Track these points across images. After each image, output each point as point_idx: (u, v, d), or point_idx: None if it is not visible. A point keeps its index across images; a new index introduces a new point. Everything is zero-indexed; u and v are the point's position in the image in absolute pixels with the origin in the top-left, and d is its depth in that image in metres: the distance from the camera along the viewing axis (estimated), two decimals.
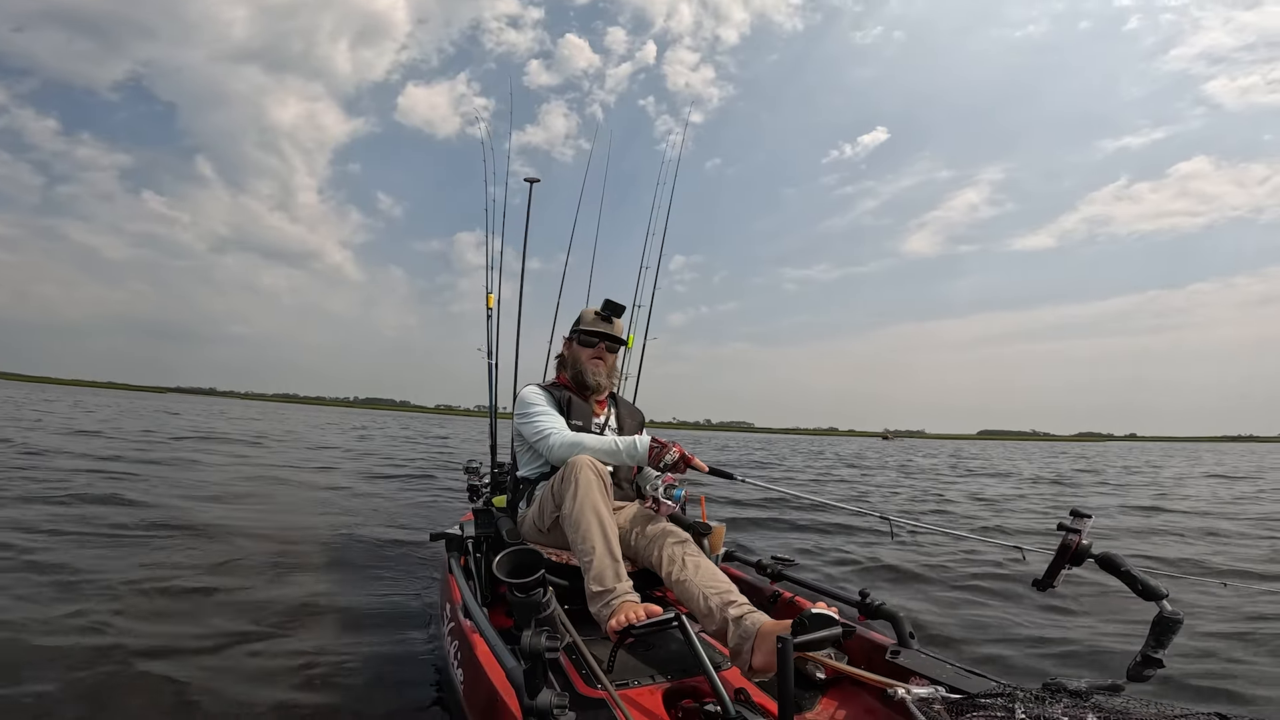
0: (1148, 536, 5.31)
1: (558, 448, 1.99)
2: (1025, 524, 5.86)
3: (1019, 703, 1.02)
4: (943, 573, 3.60)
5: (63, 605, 2.36)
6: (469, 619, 1.64)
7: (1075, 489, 10.09)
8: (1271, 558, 4.30)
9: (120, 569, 2.86)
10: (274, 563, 3.20)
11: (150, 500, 4.63)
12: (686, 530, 1.90)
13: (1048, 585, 1.35)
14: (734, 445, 28.49)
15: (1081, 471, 14.80)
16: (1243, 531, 5.51)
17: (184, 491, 5.22)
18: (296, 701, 1.82)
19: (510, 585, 1.23)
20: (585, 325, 2.29)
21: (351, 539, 3.91)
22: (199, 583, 2.77)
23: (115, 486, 5.06)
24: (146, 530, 3.68)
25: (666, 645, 1.61)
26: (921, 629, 2.55)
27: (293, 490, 6.05)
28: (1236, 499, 8.43)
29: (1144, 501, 7.99)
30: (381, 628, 2.42)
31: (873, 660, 1.55)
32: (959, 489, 9.41)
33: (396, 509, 5.26)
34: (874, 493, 8.73)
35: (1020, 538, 2.57)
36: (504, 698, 1.25)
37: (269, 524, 4.21)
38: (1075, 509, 1.36)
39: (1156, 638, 1.15)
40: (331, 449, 11.96)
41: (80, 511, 4.01)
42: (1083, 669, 2.30)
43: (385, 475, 7.86)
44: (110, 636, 2.13)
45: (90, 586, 2.59)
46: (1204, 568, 3.99)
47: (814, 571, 3.59)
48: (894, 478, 11.61)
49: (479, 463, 3.15)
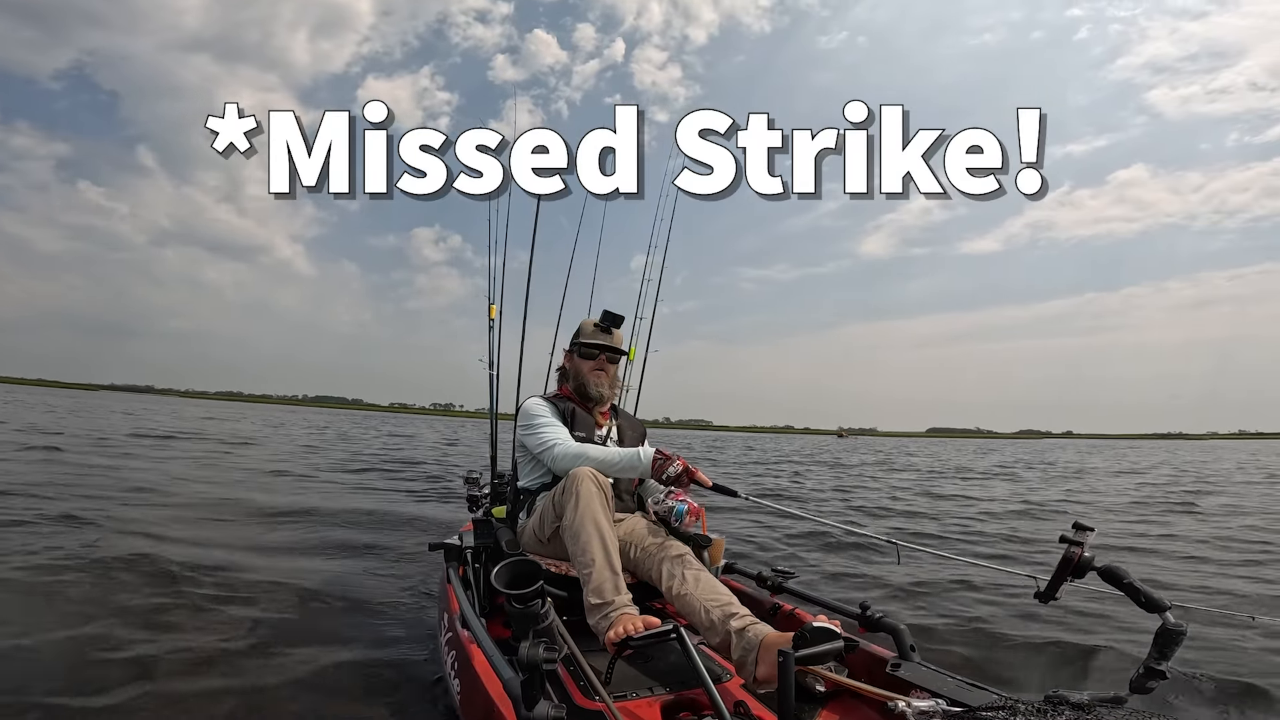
0: (1014, 518, 6.74)
1: (562, 459, 1.98)
2: (874, 501, 7.90)
3: (1020, 715, 1.01)
4: (940, 585, 3.58)
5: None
6: (467, 629, 1.63)
7: (963, 481, 11.70)
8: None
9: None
10: (263, 573, 3.19)
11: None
12: (686, 543, 1.89)
13: (1050, 598, 1.34)
14: (696, 445, 28.43)
15: (999, 466, 16.98)
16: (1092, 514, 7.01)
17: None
18: (293, 713, 1.80)
19: (508, 596, 1.23)
20: (585, 337, 2.29)
21: (344, 546, 3.90)
22: (179, 594, 2.76)
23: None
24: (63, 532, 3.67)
25: (665, 657, 1.60)
26: (922, 641, 2.52)
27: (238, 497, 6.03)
28: (1119, 491, 9.92)
29: (1037, 493, 9.60)
30: (378, 637, 2.40)
31: (873, 673, 1.53)
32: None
33: (365, 511, 5.25)
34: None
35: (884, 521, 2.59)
36: (501, 709, 1.24)
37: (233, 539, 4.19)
38: (1077, 522, 1.36)
39: (1159, 649, 1.14)
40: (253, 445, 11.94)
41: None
42: (1085, 681, 2.28)
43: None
44: (105, 651, 2.12)
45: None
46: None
47: (815, 584, 3.56)
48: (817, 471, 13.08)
49: (478, 473, 3.14)
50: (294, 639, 2.34)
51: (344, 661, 2.16)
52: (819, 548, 4.74)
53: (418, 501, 6.46)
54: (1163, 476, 13.16)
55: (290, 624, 2.48)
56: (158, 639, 2.24)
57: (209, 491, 5.90)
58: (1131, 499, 8.77)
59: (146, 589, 2.76)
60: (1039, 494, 9.42)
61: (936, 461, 19.07)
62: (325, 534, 4.34)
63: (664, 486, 1.95)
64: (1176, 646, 1.14)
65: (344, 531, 4.46)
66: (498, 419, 2.95)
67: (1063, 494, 9.57)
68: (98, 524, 3.94)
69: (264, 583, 3.02)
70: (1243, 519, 6.66)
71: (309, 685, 1.97)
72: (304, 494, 6.30)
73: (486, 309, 2.99)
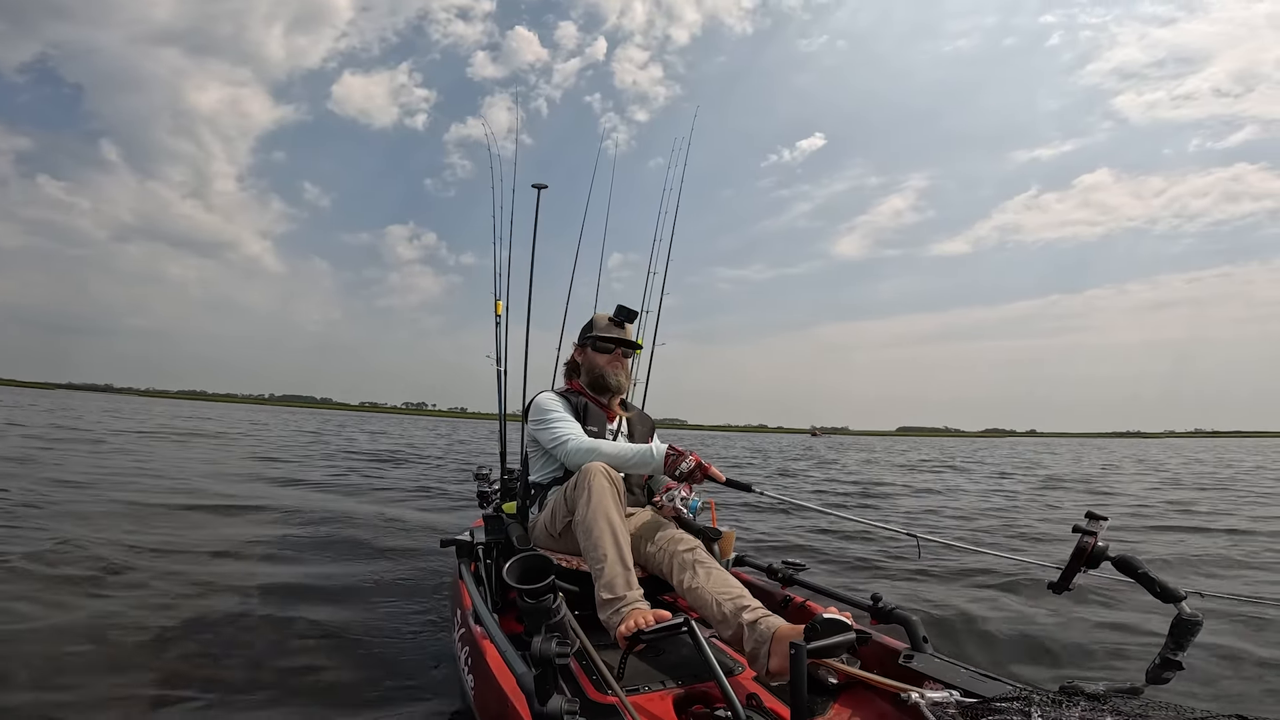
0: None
1: (575, 454, 1.99)
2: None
3: (1035, 706, 1.00)
4: (957, 574, 3.57)
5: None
6: (479, 625, 1.64)
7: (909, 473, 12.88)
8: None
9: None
10: (276, 570, 3.22)
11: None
12: (696, 536, 1.89)
13: (1063, 588, 1.33)
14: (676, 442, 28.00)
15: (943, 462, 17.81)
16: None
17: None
18: (305, 708, 1.83)
19: (520, 591, 1.23)
20: (599, 331, 2.29)
21: (353, 542, 3.93)
22: (187, 589, 2.79)
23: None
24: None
25: (677, 651, 1.60)
26: (935, 631, 2.51)
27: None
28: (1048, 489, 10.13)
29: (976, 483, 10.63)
30: (391, 633, 2.42)
31: (886, 665, 1.53)
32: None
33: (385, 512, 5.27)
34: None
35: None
36: (514, 703, 1.25)
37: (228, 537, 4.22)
38: (1090, 511, 1.34)
39: (1175, 640, 1.13)
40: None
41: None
42: (1100, 671, 2.26)
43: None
44: (116, 635, 2.15)
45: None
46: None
47: (826, 575, 3.56)
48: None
49: (489, 469, 3.16)
50: (302, 634, 2.37)
51: (354, 657, 2.18)
52: (839, 540, 4.75)
53: (421, 498, 6.51)
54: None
55: (303, 620, 2.50)
56: (168, 638, 2.28)
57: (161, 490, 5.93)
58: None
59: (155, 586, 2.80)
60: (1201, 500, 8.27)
61: (1018, 464, 18.12)
62: (320, 532, 4.38)
63: (677, 482, 1.95)
64: (1193, 637, 1.12)
65: (345, 529, 4.50)
66: (506, 416, 2.96)
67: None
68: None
69: (271, 581, 3.06)
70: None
71: (319, 681, 2.00)
72: (270, 494, 6.28)
73: (492, 305, 3.00)
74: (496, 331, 2.98)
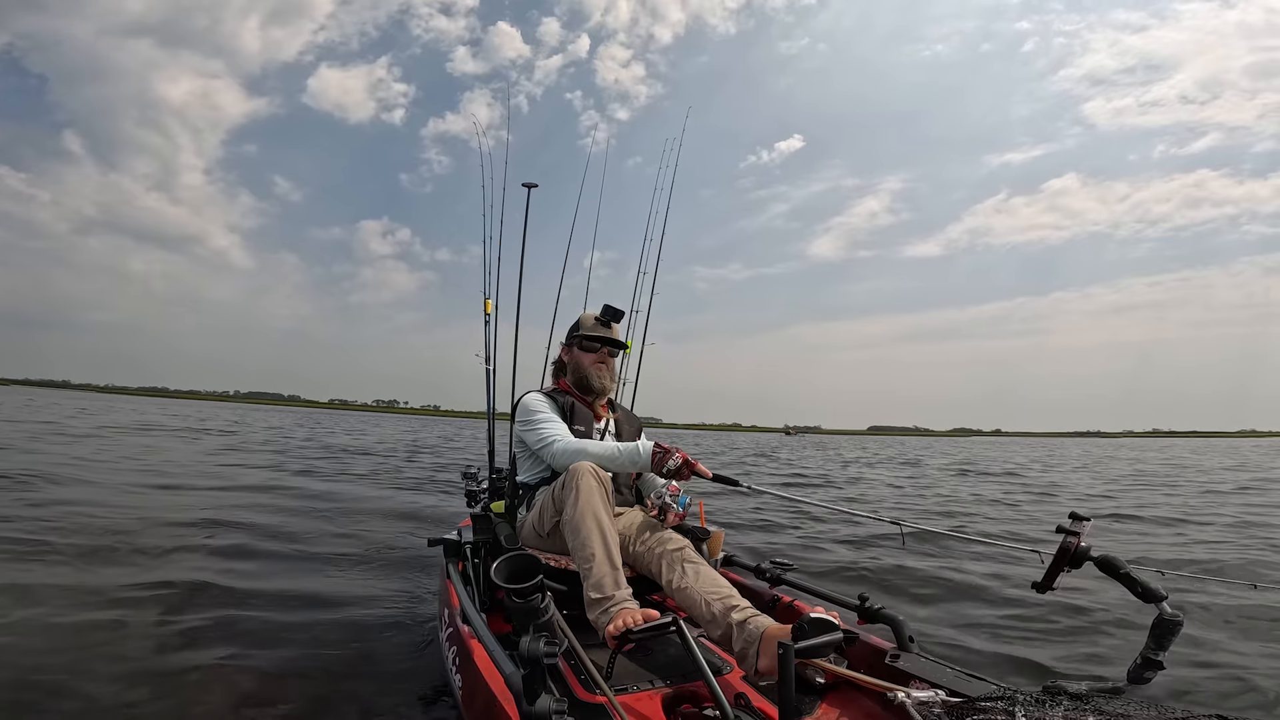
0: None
1: (561, 454, 1.98)
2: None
3: (1019, 705, 1.02)
4: (943, 576, 3.60)
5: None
6: (467, 624, 1.63)
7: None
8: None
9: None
10: (261, 567, 3.18)
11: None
12: (685, 535, 1.89)
13: (1046, 588, 1.35)
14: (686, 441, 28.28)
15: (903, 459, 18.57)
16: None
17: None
18: (293, 709, 1.81)
19: (508, 590, 1.23)
20: (586, 330, 2.28)
21: (342, 542, 3.89)
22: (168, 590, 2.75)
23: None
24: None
25: (665, 650, 1.60)
26: (920, 631, 2.53)
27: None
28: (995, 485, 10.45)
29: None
30: (379, 633, 2.40)
31: (873, 664, 1.54)
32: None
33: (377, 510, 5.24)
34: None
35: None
36: (502, 703, 1.24)
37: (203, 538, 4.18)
38: (1074, 512, 1.36)
39: (1156, 640, 1.15)
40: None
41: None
42: (1083, 671, 2.29)
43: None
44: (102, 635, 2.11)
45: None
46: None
47: (813, 574, 3.57)
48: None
49: (477, 469, 3.14)
50: (291, 635, 2.34)
51: (342, 657, 2.16)
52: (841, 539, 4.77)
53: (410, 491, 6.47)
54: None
55: (287, 622, 2.48)
56: (159, 628, 2.24)
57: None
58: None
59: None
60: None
61: (958, 460, 18.98)
62: (315, 529, 4.34)
63: (664, 480, 1.95)
64: (1174, 637, 1.14)
65: (330, 525, 4.46)
66: (495, 415, 2.94)
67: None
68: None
69: (256, 579, 3.02)
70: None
71: (307, 681, 1.98)
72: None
73: (481, 304, 2.97)
74: (486, 331, 2.95)
